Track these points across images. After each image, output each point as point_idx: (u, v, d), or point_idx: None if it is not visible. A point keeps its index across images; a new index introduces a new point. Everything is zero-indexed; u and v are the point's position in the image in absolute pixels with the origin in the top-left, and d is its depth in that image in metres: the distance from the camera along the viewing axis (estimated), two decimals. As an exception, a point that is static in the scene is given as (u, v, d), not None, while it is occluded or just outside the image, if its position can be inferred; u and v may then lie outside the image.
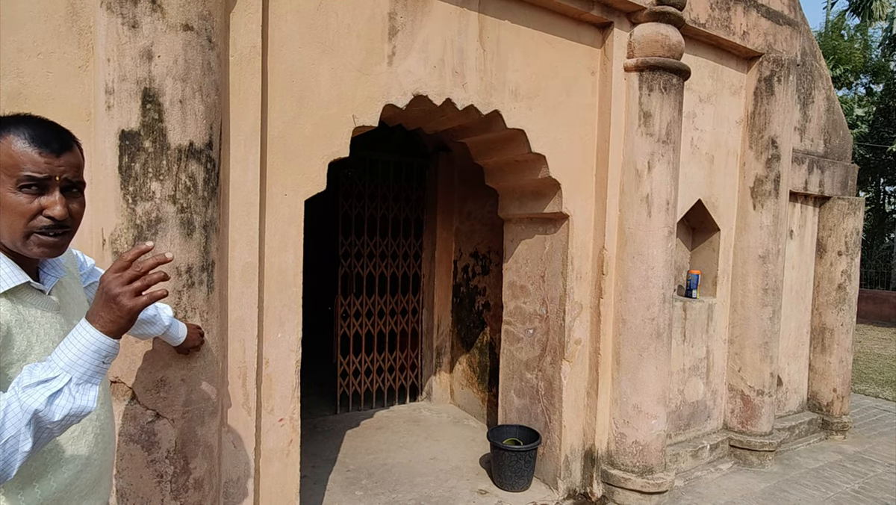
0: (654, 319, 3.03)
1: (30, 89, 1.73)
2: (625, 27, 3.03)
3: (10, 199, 0.96)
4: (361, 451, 3.62)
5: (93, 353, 0.92)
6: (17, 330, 0.97)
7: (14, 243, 0.99)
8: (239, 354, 2.12)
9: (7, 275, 0.98)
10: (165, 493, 1.82)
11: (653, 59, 2.95)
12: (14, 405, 0.85)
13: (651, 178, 3.01)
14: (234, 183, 2.06)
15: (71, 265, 1.24)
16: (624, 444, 3.09)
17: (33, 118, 1.01)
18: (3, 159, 0.95)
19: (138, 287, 0.95)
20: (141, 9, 1.72)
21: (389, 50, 2.41)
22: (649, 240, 3.01)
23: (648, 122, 3.00)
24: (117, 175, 1.74)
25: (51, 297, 1.08)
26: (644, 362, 3.04)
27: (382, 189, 4.34)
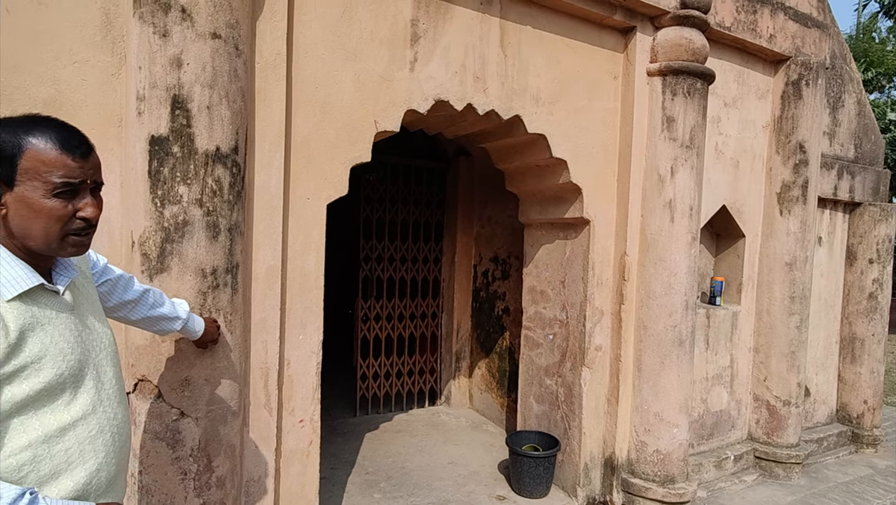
0: (677, 326, 2.99)
1: (65, 96, 1.79)
2: (648, 31, 3.01)
3: (45, 205, 0.97)
4: (380, 454, 3.63)
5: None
6: (31, 333, 0.98)
7: (49, 246, 1.01)
8: (261, 355, 2.15)
9: (21, 277, 0.99)
10: (189, 490, 1.86)
11: (676, 64, 2.92)
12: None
13: (674, 183, 2.97)
14: (258, 187, 2.10)
15: (83, 264, 1.25)
16: (645, 452, 3.04)
17: (52, 121, 1.02)
18: (34, 165, 0.96)
19: None
20: (171, 18, 1.77)
21: (411, 56, 2.43)
22: (672, 246, 2.98)
23: (672, 126, 2.96)
24: (146, 179, 1.79)
25: (64, 297, 1.09)
26: (666, 370, 2.99)
27: (403, 193, 4.36)
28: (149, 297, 1.50)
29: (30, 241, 1.00)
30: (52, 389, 1.01)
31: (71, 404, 1.04)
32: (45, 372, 0.99)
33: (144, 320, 1.52)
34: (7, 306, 0.96)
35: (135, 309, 1.47)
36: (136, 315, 1.49)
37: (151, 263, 1.79)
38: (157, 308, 1.52)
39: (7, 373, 0.94)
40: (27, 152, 0.95)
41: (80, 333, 1.09)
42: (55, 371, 1.00)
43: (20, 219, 0.97)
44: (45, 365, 0.99)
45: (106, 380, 1.14)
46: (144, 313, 1.49)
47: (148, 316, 1.50)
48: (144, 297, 1.49)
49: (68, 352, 1.04)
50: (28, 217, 0.97)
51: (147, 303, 1.49)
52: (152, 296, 1.51)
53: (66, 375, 1.03)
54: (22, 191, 0.96)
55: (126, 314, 1.47)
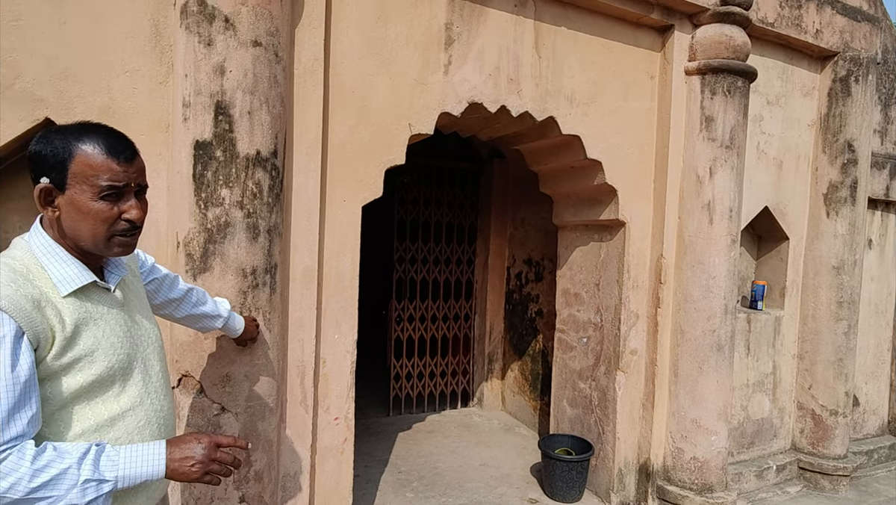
0: (715, 331, 2.91)
1: (118, 104, 1.89)
2: (686, 29, 2.94)
3: (92, 207, 1.03)
4: (413, 453, 3.66)
5: (145, 478, 1.02)
6: (84, 328, 1.04)
7: (96, 246, 1.06)
8: (298, 353, 2.21)
9: (76, 275, 1.05)
10: (228, 483, 1.92)
11: (716, 62, 2.85)
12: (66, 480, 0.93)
13: (713, 184, 2.90)
14: (296, 190, 2.16)
15: (132, 263, 1.31)
16: (682, 459, 2.97)
17: (100, 126, 1.07)
18: (82, 170, 1.01)
19: (214, 469, 1.07)
20: (216, 27, 1.84)
21: (445, 59, 2.46)
22: (710, 248, 2.90)
23: (711, 126, 2.89)
24: (191, 182, 1.86)
25: (115, 294, 1.15)
26: (704, 375, 2.92)
27: (437, 195, 4.39)
28: (192, 295, 1.56)
29: (80, 241, 1.06)
30: (104, 381, 1.06)
31: (120, 396, 1.10)
32: (97, 365, 1.05)
33: (188, 318, 1.58)
34: (63, 302, 1.02)
35: (179, 307, 1.54)
36: (181, 313, 1.55)
37: (195, 262, 1.87)
38: (199, 306, 1.58)
39: (63, 364, 1.01)
40: (77, 158, 1.01)
41: (129, 329, 1.15)
42: (106, 364, 1.06)
43: (70, 220, 1.04)
44: (97, 358, 1.05)
45: (153, 374, 1.20)
46: (188, 311, 1.56)
47: (191, 314, 1.57)
48: (188, 295, 1.55)
49: (118, 346, 1.09)
50: (77, 218, 1.03)
51: (191, 301, 1.56)
52: (195, 294, 1.57)
53: (116, 368, 1.08)
54: (72, 194, 1.02)
55: (171, 312, 1.54)
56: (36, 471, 0.91)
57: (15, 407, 0.91)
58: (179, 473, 1.05)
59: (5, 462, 0.89)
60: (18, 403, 0.92)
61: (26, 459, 0.91)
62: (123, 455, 1.00)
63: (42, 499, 0.93)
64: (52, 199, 1.03)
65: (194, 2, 1.84)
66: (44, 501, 0.93)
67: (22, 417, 0.92)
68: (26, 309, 0.95)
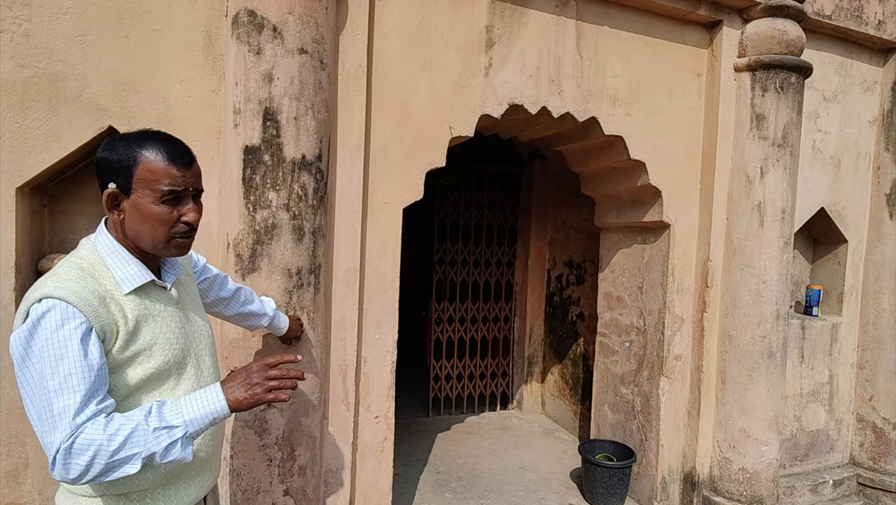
0: (766, 337, 2.80)
1: (173, 112, 1.99)
2: (735, 25, 2.85)
3: (154, 210, 1.09)
4: (451, 454, 3.68)
5: (212, 417, 1.07)
6: (144, 324, 1.10)
7: (155, 247, 1.13)
8: (340, 352, 2.26)
9: (136, 274, 1.11)
10: (273, 476, 1.99)
11: (767, 58, 2.74)
12: (139, 434, 0.98)
13: (764, 184, 2.79)
14: (339, 192, 2.21)
15: (186, 263, 1.38)
16: (729, 470, 2.87)
17: (161, 134, 1.13)
18: (145, 176, 1.07)
19: (274, 386, 1.11)
20: (264, 37, 1.92)
21: (486, 62, 2.46)
22: (761, 251, 2.79)
23: (762, 124, 2.78)
24: (241, 186, 1.94)
25: (171, 292, 1.21)
26: (753, 383, 2.81)
27: (477, 197, 4.40)
28: (241, 294, 1.63)
29: (140, 243, 1.12)
30: (160, 375, 1.13)
31: (175, 389, 1.16)
32: (155, 359, 1.11)
33: (236, 316, 1.65)
34: (125, 299, 1.09)
35: (228, 305, 1.60)
36: (230, 311, 1.62)
37: (244, 263, 1.94)
38: (247, 305, 1.65)
39: (126, 357, 1.07)
40: (140, 164, 1.08)
41: (184, 326, 1.21)
42: (163, 358, 1.12)
43: (133, 223, 1.10)
44: (154, 352, 1.11)
45: (205, 368, 1.25)
46: (236, 310, 1.62)
47: (239, 312, 1.63)
48: (237, 294, 1.62)
49: (174, 342, 1.16)
50: (140, 221, 1.10)
51: (239, 300, 1.62)
52: (244, 294, 1.64)
53: (172, 363, 1.15)
54: (136, 198, 1.09)
55: (221, 310, 1.61)
56: (110, 436, 0.97)
57: (89, 392, 0.98)
58: (242, 401, 1.08)
59: (81, 436, 0.96)
60: (91, 388, 0.98)
61: (99, 428, 0.97)
62: (184, 402, 1.06)
63: (124, 461, 0.98)
64: (118, 203, 1.10)
65: (244, 12, 1.92)
66: (126, 463, 0.98)
67: (95, 401, 0.99)
68: (94, 304, 1.02)
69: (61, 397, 0.96)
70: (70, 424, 0.95)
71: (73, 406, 0.96)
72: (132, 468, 0.99)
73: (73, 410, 0.96)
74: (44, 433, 0.96)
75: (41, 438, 0.97)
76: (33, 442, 1.88)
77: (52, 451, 0.95)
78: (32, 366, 0.97)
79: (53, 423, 0.95)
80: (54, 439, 0.95)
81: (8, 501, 1.87)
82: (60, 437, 0.95)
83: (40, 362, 0.96)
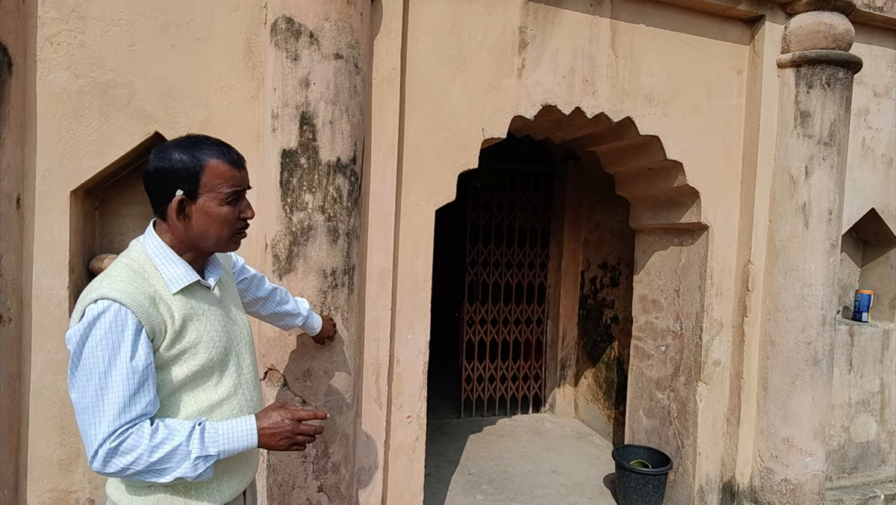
0: (811, 343, 2.69)
1: (215, 117, 2.06)
2: (778, 20, 2.75)
3: (221, 212, 1.16)
4: (483, 456, 3.68)
5: (243, 449, 1.14)
6: (190, 323, 1.15)
7: (219, 245, 1.20)
8: (373, 351, 2.29)
9: (183, 275, 1.16)
10: (308, 472, 2.03)
11: (813, 53, 2.64)
12: (178, 455, 1.05)
13: (809, 184, 2.68)
14: (373, 194, 2.25)
15: (227, 264, 1.44)
16: (771, 480, 2.77)
17: (212, 140, 1.18)
18: (211, 180, 1.14)
19: (300, 441, 1.20)
20: (301, 43, 1.97)
21: (519, 63, 2.46)
22: (806, 254, 2.69)
23: (806, 122, 2.68)
24: (278, 188, 2.00)
25: (214, 292, 1.26)
26: (797, 391, 2.70)
27: (509, 199, 4.39)
28: (276, 294, 1.68)
29: (203, 243, 1.18)
30: (204, 372, 1.17)
31: (218, 386, 1.20)
32: (199, 356, 1.16)
33: (272, 316, 1.70)
34: (173, 299, 1.14)
35: (265, 305, 1.65)
36: (266, 311, 1.67)
37: (281, 263, 2.00)
38: (282, 305, 1.69)
39: (172, 355, 1.12)
40: (205, 170, 1.14)
41: (226, 324, 1.26)
42: (207, 356, 1.17)
43: (199, 226, 1.16)
44: (199, 350, 1.16)
45: (245, 366, 1.30)
46: (272, 309, 1.67)
47: (275, 312, 1.68)
48: (273, 294, 1.67)
49: (217, 340, 1.20)
50: (207, 223, 1.16)
51: (275, 300, 1.67)
52: (279, 294, 1.69)
53: (215, 360, 1.19)
54: (203, 202, 1.15)
55: (258, 309, 1.66)
56: (154, 447, 1.03)
57: (134, 393, 1.03)
58: (270, 445, 1.17)
59: (128, 440, 1.02)
60: (137, 389, 1.04)
61: (145, 437, 1.03)
62: (222, 431, 1.11)
63: (158, 472, 1.05)
64: (185, 209, 1.15)
65: (282, 19, 1.97)
66: (159, 475, 1.06)
67: (140, 401, 1.04)
68: (144, 305, 1.07)
69: (108, 396, 1.01)
70: (112, 423, 1.01)
71: (118, 406, 1.01)
72: (163, 479, 1.06)
73: (117, 409, 1.01)
74: (86, 427, 1.02)
75: (83, 430, 1.02)
76: (84, 433, 1.97)
77: (94, 445, 1.01)
78: (84, 363, 1.02)
79: (97, 419, 1.01)
80: (97, 434, 1.00)
81: (61, 488, 1.98)
82: (103, 434, 1.00)
83: (92, 360, 1.01)
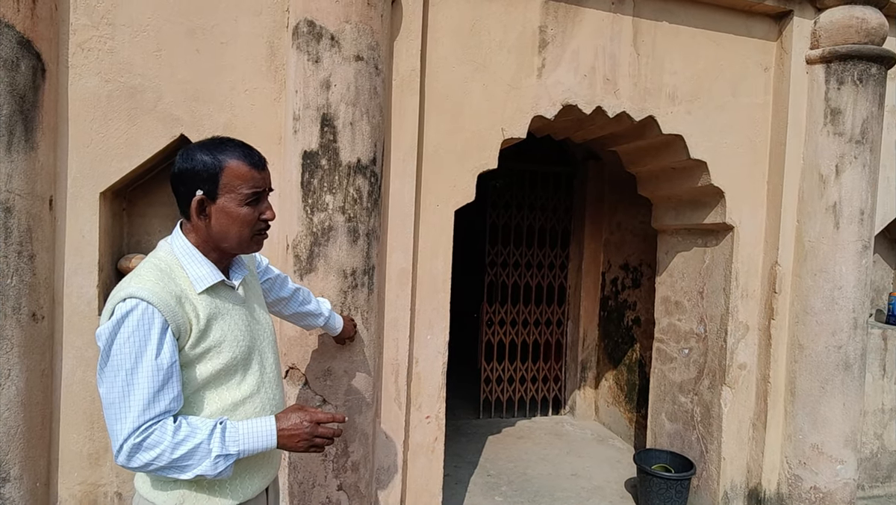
0: (842, 348, 2.61)
1: (238, 120, 2.10)
2: (807, 14, 2.69)
3: (240, 212, 1.17)
4: (502, 458, 3.66)
5: (262, 449, 1.16)
6: (214, 321, 1.16)
7: (240, 245, 1.21)
8: (392, 352, 2.30)
9: (208, 274, 1.17)
10: (328, 471, 2.05)
11: (844, 48, 2.57)
12: (200, 453, 1.08)
13: (839, 183, 2.61)
14: (392, 195, 2.26)
15: (251, 264, 1.45)
16: (800, 488, 2.70)
17: (236, 141, 1.20)
18: (230, 181, 1.15)
19: (318, 443, 1.21)
20: (322, 45, 1.99)
21: (539, 62, 2.44)
22: (836, 255, 2.61)
23: (837, 119, 2.61)
24: (299, 189, 2.02)
25: (238, 292, 1.28)
26: (827, 397, 2.63)
27: (529, 199, 4.36)
28: (299, 295, 1.70)
29: (224, 243, 1.20)
30: (228, 370, 1.19)
31: (241, 384, 1.22)
32: (224, 355, 1.18)
33: (294, 315, 1.72)
34: (198, 298, 1.16)
35: (287, 305, 1.67)
36: (288, 311, 1.69)
37: (302, 263, 2.02)
38: (304, 305, 1.71)
39: (197, 353, 1.14)
40: (226, 170, 1.15)
41: (249, 324, 1.27)
42: (231, 354, 1.19)
43: (219, 226, 1.18)
44: (223, 349, 1.18)
45: (267, 365, 1.31)
46: (294, 309, 1.69)
47: (297, 312, 1.70)
48: (295, 295, 1.69)
49: (241, 339, 1.22)
50: (227, 223, 1.17)
51: (297, 300, 1.69)
52: (302, 294, 1.71)
53: (239, 359, 1.21)
54: (222, 202, 1.16)
55: (280, 309, 1.68)
56: (176, 444, 1.06)
57: (159, 390, 1.05)
58: (288, 447, 1.19)
59: (151, 436, 1.04)
60: (162, 386, 1.06)
61: (168, 433, 1.05)
62: (242, 431, 1.13)
63: (180, 469, 1.08)
64: (205, 209, 1.17)
65: (304, 23, 1.99)
66: (181, 471, 1.08)
67: (164, 398, 1.06)
68: (171, 304, 1.09)
69: (133, 392, 1.03)
70: (137, 418, 1.03)
71: (142, 402, 1.04)
72: (185, 476, 1.08)
73: (142, 405, 1.04)
74: (112, 422, 1.04)
75: (109, 425, 1.05)
76: (112, 428, 2.03)
77: (119, 440, 1.03)
78: (112, 360, 1.05)
79: (123, 415, 1.03)
80: (122, 429, 1.03)
81: (90, 481, 2.03)
82: (128, 429, 1.03)
83: (119, 357, 1.04)
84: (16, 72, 1.75)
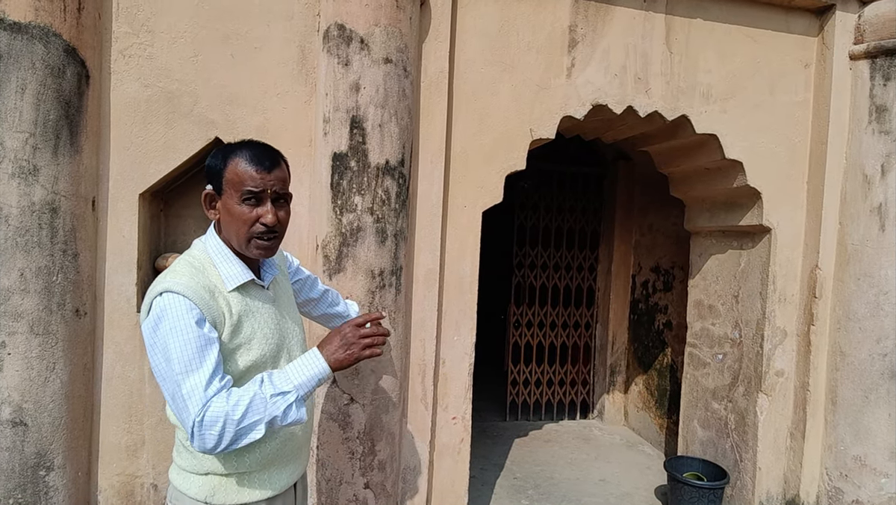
0: (887, 356, 2.50)
1: (270, 122, 2.14)
2: (851, 9, 2.59)
3: (237, 210, 1.19)
4: (528, 461, 3.63)
5: (317, 379, 1.18)
6: (245, 319, 1.19)
7: (240, 246, 1.22)
8: (419, 352, 2.31)
9: (239, 273, 1.21)
10: (355, 469, 2.07)
11: (890, 43, 2.46)
12: (257, 402, 1.09)
13: (885, 184, 2.50)
14: (420, 196, 2.27)
15: (282, 264, 1.48)
16: (840, 501, 2.59)
17: (253, 142, 1.23)
18: (231, 177, 1.18)
19: (368, 343, 1.21)
20: (352, 49, 2.01)
21: (568, 62, 2.42)
22: (882, 259, 2.51)
23: (883, 117, 2.50)
24: (329, 190, 2.05)
25: (268, 291, 1.31)
26: (871, 406, 2.52)
27: (558, 200, 4.32)
28: (328, 296, 1.72)
29: (231, 241, 1.23)
30: (257, 366, 1.22)
31: None
32: (254, 351, 1.20)
33: (322, 316, 1.74)
34: (230, 295, 1.19)
35: (316, 306, 1.70)
36: (317, 311, 1.71)
37: (331, 263, 2.05)
38: (333, 307, 1.73)
39: (230, 349, 1.17)
40: (228, 167, 1.19)
41: (279, 322, 1.30)
42: (260, 351, 1.21)
43: (224, 222, 1.22)
44: (253, 346, 1.20)
45: (296, 362, 1.34)
46: (323, 310, 1.71)
47: (326, 313, 1.72)
48: (325, 296, 1.71)
49: (270, 336, 1.24)
50: (228, 220, 1.20)
51: (326, 301, 1.71)
52: (330, 296, 1.73)
53: (268, 356, 1.23)
54: (225, 198, 1.20)
55: (309, 310, 1.71)
56: (234, 406, 1.08)
57: (212, 369, 1.09)
58: (342, 360, 1.20)
59: (209, 412, 1.07)
60: (214, 366, 1.09)
61: (221, 403, 1.08)
62: (290, 369, 1.17)
63: (249, 428, 1.09)
64: (214, 204, 1.22)
65: (335, 26, 2.02)
66: (252, 430, 1.09)
67: (214, 379, 1.09)
68: (205, 297, 1.12)
69: (189, 378, 1.07)
70: (200, 399, 1.06)
71: (201, 384, 1.07)
72: (258, 434, 1.09)
73: (202, 387, 1.07)
74: (179, 412, 1.08)
75: (178, 416, 1.09)
76: (150, 421, 2.10)
77: (189, 427, 1.07)
78: (160, 352, 1.08)
79: (185, 402, 1.07)
80: (189, 416, 1.06)
81: (128, 472, 2.11)
82: (192, 416, 1.06)
83: (166, 349, 1.07)
84: (62, 78, 1.83)
